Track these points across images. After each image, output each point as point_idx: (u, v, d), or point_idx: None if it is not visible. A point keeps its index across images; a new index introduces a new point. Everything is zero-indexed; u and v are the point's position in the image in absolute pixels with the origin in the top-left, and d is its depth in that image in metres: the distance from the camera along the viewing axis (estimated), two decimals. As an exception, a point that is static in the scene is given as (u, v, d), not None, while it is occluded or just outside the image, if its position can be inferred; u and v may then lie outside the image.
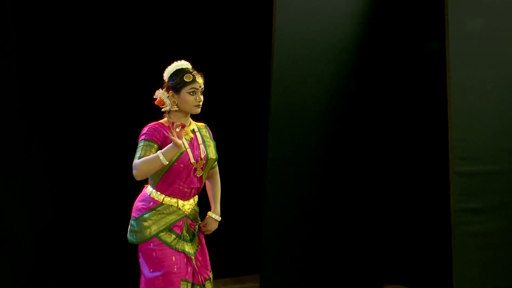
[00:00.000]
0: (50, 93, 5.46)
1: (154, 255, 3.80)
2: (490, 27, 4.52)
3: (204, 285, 3.94)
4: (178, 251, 3.82)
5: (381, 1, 5.91)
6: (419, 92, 6.28)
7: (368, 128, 5.94)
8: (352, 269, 5.95)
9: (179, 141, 3.54)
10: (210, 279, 3.99)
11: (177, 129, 3.57)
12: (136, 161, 3.68)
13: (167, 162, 3.62)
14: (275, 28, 5.17)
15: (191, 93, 3.81)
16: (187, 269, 3.84)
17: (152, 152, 3.69)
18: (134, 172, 3.68)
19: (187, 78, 3.82)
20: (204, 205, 4.10)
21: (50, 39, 5.45)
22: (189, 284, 3.83)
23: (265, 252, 5.39)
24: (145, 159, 3.64)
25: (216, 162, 4.14)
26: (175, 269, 3.79)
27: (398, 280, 6.42)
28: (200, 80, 3.86)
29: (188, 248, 3.88)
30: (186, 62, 3.93)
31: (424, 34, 6.19)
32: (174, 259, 3.79)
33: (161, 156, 3.58)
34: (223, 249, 6.42)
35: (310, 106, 5.50)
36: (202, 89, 3.87)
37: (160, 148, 3.72)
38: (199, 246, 4.01)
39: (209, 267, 4.02)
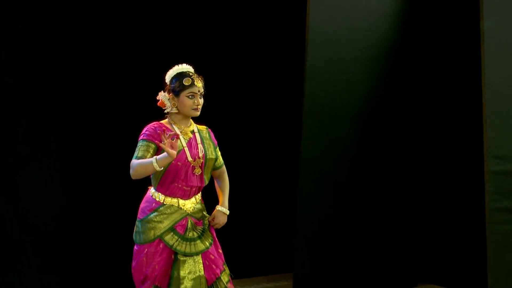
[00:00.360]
0: (76, 97, 5.53)
1: (144, 260, 3.93)
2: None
3: (216, 281, 4.05)
4: (172, 254, 3.92)
5: None
6: (453, 91, 6.23)
7: (401, 127, 5.93)
8: (385, 268, 5.94)
9: (171, 151, 3.63)
10: (224, 270, 4.10)
11: (169, 139, 3.65)
12: (133, 161, 3.81)
13: (160, 169, 3.73)
14: (309, 28, 5.18)
15: (190, 96, 3.92)
16: (168, 274, 3.93)
17: (149, 152, 3.82)
18: (130, 171, 3.81)
19: (186, 82, 3.92)
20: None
21: (66, 43, 5.51)
22: None
23: (298, 250, 5.40)
24: (141, 162, 3.76)
25: (222, 163, 4.24)
26: (155, 275, 3.90)
27: (432, 279, 6.38)
28: (199, 84, 3.95)
29: (192, 249, 3.96)
30: (187, 65, 4.03)
31: (458, 33, 6.15)
32: (156, 267, 3.91)
33: (155, 163, 3.69)
34: (256, 248, 6.46)
35: (343, 105, 5.50)
36: (201, 93, 3.96)
37: (157, 148, 3.84)
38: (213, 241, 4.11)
39: (222, 261, 4.12)
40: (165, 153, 3.66)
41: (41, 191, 5.27)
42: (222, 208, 4.19)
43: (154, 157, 3.72)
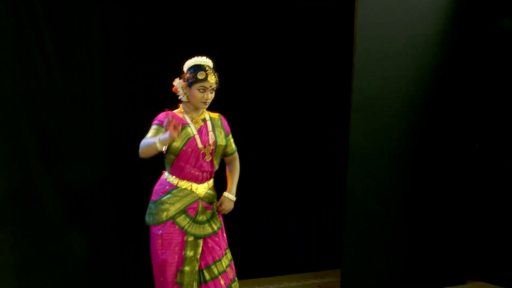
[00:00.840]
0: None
1: (159, 242, 4.08)
2: None
3: (209, 267, 4.14)
4: (186, 236, 4.05)
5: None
6: (508, 86, 6.10)
7: (451, 123, 5.85)
8: (434, 265, 5.88)
9: (173, 133, 3.71)
10: (226, 254, 4.20)
11: (175, 124, 3.73)
12: (142, 140, 3.94)
13: (162, 148, 3.83)
14: (357, 22, 5.16)
15: (201, 90, 4.03)
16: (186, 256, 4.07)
17: (158, 135, 3.90)
18: (139, 150, 3.96)
19: (200, 75, 4.02)
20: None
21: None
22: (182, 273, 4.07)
23: (346, 247, 5.39)
24: (147, 141, 3.90)
25: (233, 150, 4.32)
26: (176, 258, 4.06)
27: (482, 276, 6.30)
28: (212, 80, 4.04)
29: (200, 231, 4.09)
30: (207, 59, 4.13)
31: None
32: (176, 249, 4.06)
33: (158, 142, 3.80)
34: (303, 244, 6.45)
35: (392, 101, 5.45)
36: (212, 88, 4.06)
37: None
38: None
39: (225, 245, 4.22)
40: (166, 133, 3.76)
41: (75, 165, 5.41)
42: (229, 195, 4.27)
43: (158, 136, 3.83)
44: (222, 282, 4.15)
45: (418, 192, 5.69)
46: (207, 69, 4.05)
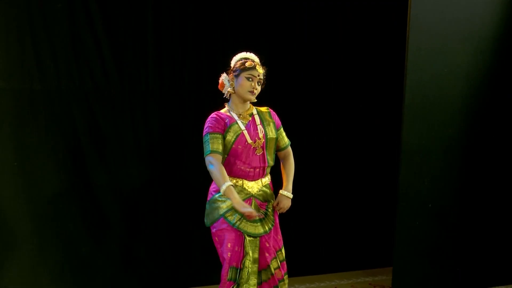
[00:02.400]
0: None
1: (216, 240, 4.10)
2: None
3: (269, 266, 4.11)
4: (239, 233, 4.02)
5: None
6: None
7: (508, 122, 5.75)
8: (486, 264, 5.81)
9: (242, 210, 3.78)
10: (276, 257, 4.15)
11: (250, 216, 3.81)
12: (210, 158, 3.93)
13: (223, 195, 3.85)
14: (411, 19, 5.12)
15: (249, 78, 4.03)
16: (240, 254, 4.04)
17: (219, 143, 3.95)
18: (207, 167, 3.92)
19: (248, 64, 4.04)
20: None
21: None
22: (237, 270, 4.03)
23: (397, 245, 5.37)
24: (217, 172, 3.87)
25: (286, 144, 4.28)
26: (228, 255, 4.04)
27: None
28: (260, 70, 4.07)
29: (252, 230, 4.04)
30: (254, 54, 4.18)
31: None
32: (229, 246, 4.03)
33: (223, 187, 3.80)
34: (355, 242, 6.43)
35: (446, 98, 5.39)
36: (260, 79, 4.06)
37: (223, 137, 3.98)
38: (273, 225, 4.18)
39: (280, 246, 4.19)
40: (238, 201, 3.78)
41: (128, 166, 5.52)
42: (285, 192, 4.19)
43: (229, 184, 3.81)
44: (271, 282, 4.15)
45: (471, 190, 5.62)
46: (255, 60, 4.11)
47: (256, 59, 4.15)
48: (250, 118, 4.12)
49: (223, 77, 4.13)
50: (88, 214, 5.37)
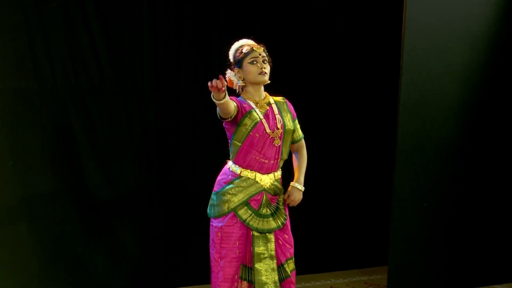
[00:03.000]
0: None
1: (219, 235, 3.92)
2: None
3: (283, 264, 4.01)
4: (248, 230, 3.90)
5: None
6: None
7: (503, 121, 5.77)
8: (482, 262, 5.83)
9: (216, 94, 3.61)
10: (291, 258, 4.06)
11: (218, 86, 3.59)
12: None
13: (216, 100, 3.65)
14: (406, 18, 5.12)
15: (253, 62, 3.93)
16: (250, 252, 3.91)
17: (232, 102, 3.79)
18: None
19: (246, 49, 3.96)
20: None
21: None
22: (248, 269, 3.92)
23: (393, 244, 5.36)
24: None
25: (300, 137, 4.18)
26: (237, 253, 3.90)
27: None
28: (259, 49, 3.98)
29: (263, 225, 3.92)
30: (245, 39, 4.08)
31: None
32: (237, 244, 3.90)
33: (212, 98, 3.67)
34: (350, 241, 6.44)
35: (441, 97, 5.40)
36: (263, 57, 3.96)
37: (235, 108, 3.83)
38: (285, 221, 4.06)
39: (292, 245, 4.08)
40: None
41: (124, 165, 5.52)
42: (297, 184, 4.09)
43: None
44: (293, 279, 4.06)
45: (466, 189, 5.64)
46: (250, 43, 4.04)
47: (250, 41, 4.06)
48: (268, 108, 4.00)
49: (229, 74, 4.02)
50: (84, 213, 5.36)
